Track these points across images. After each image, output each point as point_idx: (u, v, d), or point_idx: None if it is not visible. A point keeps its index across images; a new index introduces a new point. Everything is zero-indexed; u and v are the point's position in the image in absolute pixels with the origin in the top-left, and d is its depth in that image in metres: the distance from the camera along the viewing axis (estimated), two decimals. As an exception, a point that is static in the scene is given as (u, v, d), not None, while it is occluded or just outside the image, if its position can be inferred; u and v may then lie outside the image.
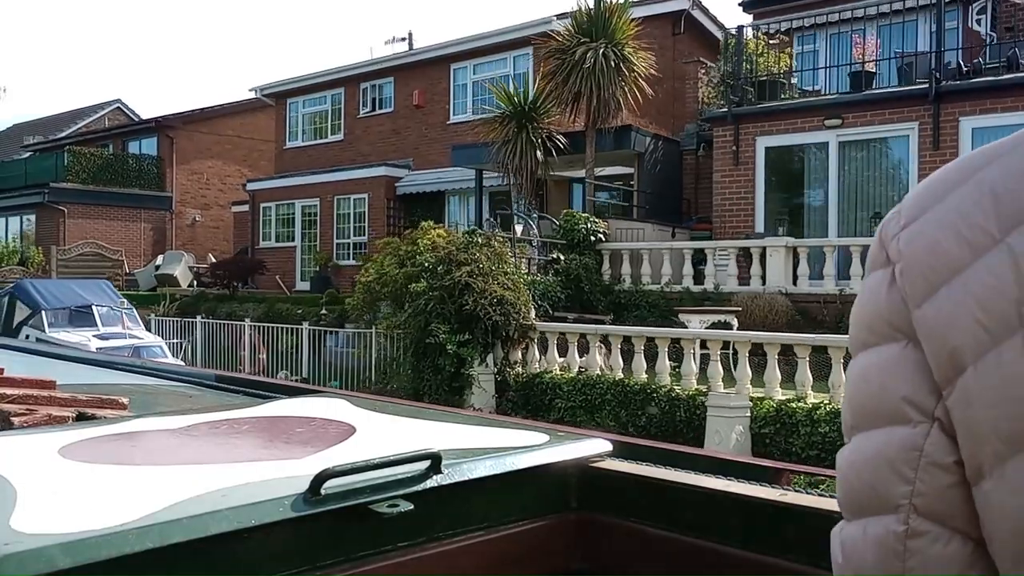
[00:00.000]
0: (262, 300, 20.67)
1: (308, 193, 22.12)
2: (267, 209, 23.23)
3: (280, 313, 19.72)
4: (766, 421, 8.12)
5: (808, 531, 1.37)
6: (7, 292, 16.81)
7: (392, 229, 21.27)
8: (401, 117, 21.34)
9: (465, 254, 10.98)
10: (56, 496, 1.29)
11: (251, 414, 1.93)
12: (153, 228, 28.49)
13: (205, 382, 2.75)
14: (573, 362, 10.47)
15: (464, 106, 20.43)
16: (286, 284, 22.93)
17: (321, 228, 21.80)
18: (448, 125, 20.41)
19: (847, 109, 12.64)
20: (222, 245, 28.93)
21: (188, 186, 28.84)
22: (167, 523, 1.17)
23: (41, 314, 15.47)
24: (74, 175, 26.85)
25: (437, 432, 1.76)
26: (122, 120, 35.32)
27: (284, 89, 24.03)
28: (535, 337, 10.60)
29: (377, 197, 20.63)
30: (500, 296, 10.37)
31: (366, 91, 22.31)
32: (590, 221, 13.11)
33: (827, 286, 11.10)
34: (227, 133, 29.20)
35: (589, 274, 12.52)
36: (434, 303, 10.64)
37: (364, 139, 22.23)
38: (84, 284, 17.52)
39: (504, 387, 10.79)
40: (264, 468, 1.44)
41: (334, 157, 22.79)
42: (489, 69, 19.99)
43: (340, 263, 22.29)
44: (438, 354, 10.75)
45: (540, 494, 1.59)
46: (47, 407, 1.89)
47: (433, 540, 1.43)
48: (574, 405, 9.79)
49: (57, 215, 26.62)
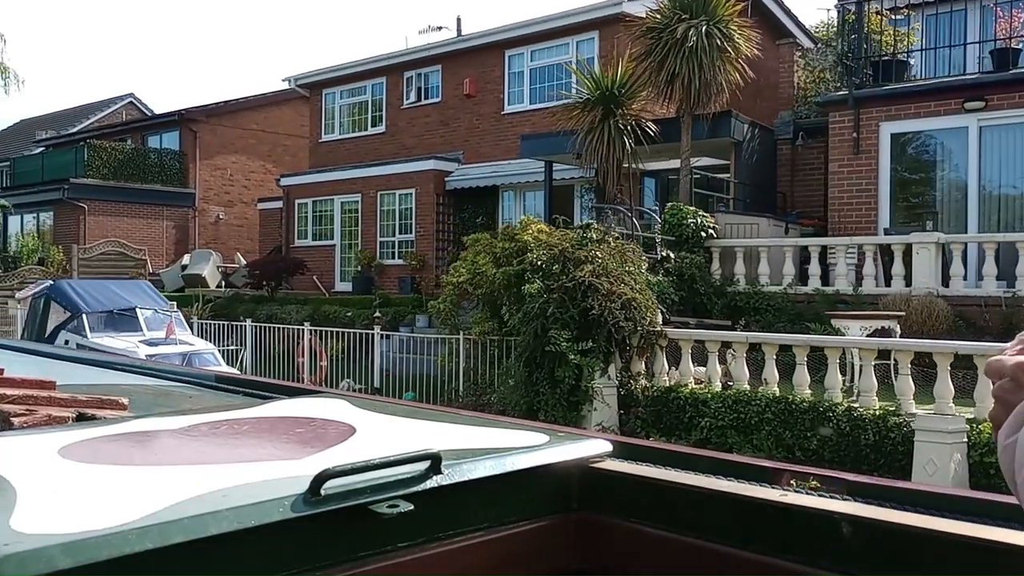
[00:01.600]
0: (304, 302, 20.12)
1: (349, 188, 21.13)
2: (303, 206, 21.90)
3: (327, 315, 18.82)
4: (989, 448, 7.22)
5: (808, 531, 1.37)
6: (42, 294, 15.07)
7: (442, 226, 20.53)
8: (450, 107, 19.93)
9: (584, 251, 9.34)
10: (56, 496, 1.29)
11: (251, 414, 1.93)
12: (176, 226, 27.21)
13: (205, 382, 2.67)
14: (714, 374, 9.86)
15: (520, 95, 19.01)
16: (324, 285, 22.34)
17: (363, 225, 20.85)
18: (502, 115, 19.07)
19: (991, 90, 11.13)
20: (246, 244, 27.71)
21: (211, 182, 27.63)
22: (167, 523, 1.17)
23: (82, 318, 14.48)
24: (95, 170, 25.21)
25: (437, 432, 1.76)
26: (135, 115, 35.40)
27: (320, 79, 22.70)
28: (664, 345, 8.97)
29: (425, 192, 19.24)
30: (630, 298, 8.75)
31: (410, 80, 20.93)
32: (698, 215, 11.52)
33: (987, 287, 9.64)
34: (251, 127, 28.05)
35: (702, 274, 10.94)
36: (554, 306, 8.95)
37: (408, 131, 20.80)
38: (124, 285, 16.13)
39: (628, 402, 9.10)
40: (264, 468, 1.44)
41: (375, 150, 21.44)
42: (548, 55, 18.58)
43: (384, 263, 21.66)
44: (557, 364, 9.06)
45: (540, 494, 1.58)
46: (47, 407, 1.88)
47: (433, 540, 1.43)
48: (724, 424, 8.89)
49: (77, 212, 25.38)
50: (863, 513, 1.36)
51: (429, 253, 20.39)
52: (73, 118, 36.83)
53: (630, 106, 14.24)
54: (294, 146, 31.17)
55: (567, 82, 19.68)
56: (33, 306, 15.69)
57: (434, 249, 20.36)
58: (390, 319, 18.19)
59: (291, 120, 30.64)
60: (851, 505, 1.40)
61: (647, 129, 14.10)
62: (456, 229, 20.60)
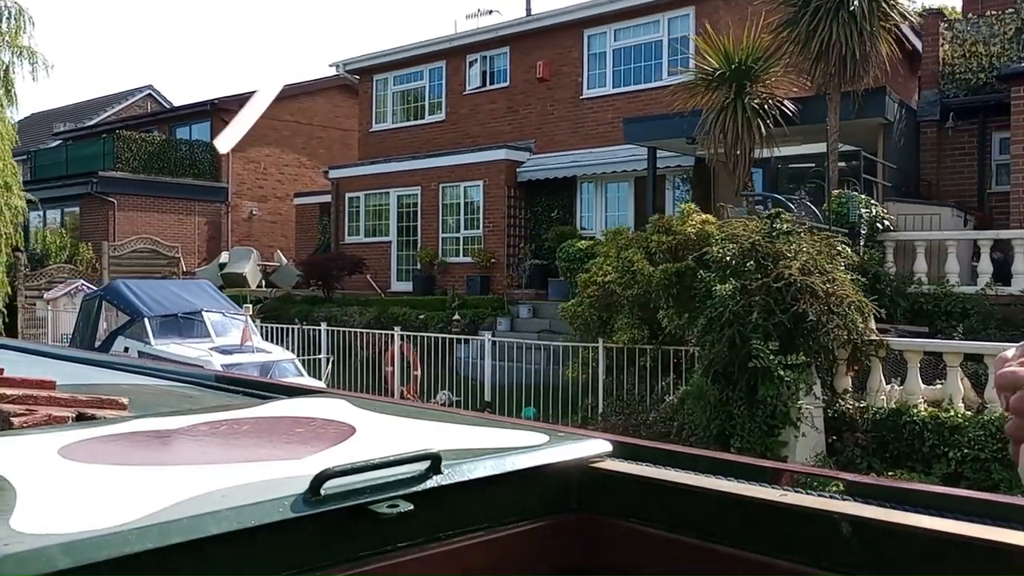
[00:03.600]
0: (366, 302, 19.01)
1: (407, 181, 20.20)
2: (354, 200, 20.27)
3: (395, 318, 17.31)
4: None
5: (808, 531, 1.39)
6: (95, 295, 13.09)
7: (513, 221, 18.10)
8: (519, 92, 18.21)
9: (784, 244, 7.29)
10: (56, 496, 1.33)
11: (251, 414, 1.95)
12: (208, 222, 25.62)
13: (205, 382, 2.69)
14: (956, 392, 8.45)
15: (601, 78, 17.33)
16: (379, 284, 21.14)
17: (423, 220, 19.58)
18: (580, 100, 17.39)
19: None
20: (280, 241, 26.04)
21: (244, 176, 26.01)
22: (167, 523, 1.20)
23: (144, 322, 13.07)
24: (124, 163, 23.29)
25: (437, 432, 1.79)
26: (154, 107, 34.70)
27: (371, 64, 21.07)
28: (883, 356, 8.24)
29: (495, 184, 17.50)
30: (853, 301, 6.77)
31: (473, 64, 19.24)
32: (871, 205, 9.61)
33: None
34: (286, 118, 26.53)
35: (883, 272, 9.11)
36: (757, 311, 6.89)
37: (471, 118, 19.06)
38: (184, 286, 15.79)
39: (838, 426, 8.81)
40: (264, 468, 1.48)
41: (432, 140, 19.73)
42: (634, 35, 16.76)
43: (448, 260, 20.47)
44: (760, 380, 6.97)
45: (540, 494, 1.60)
46: (47, 407, 1.91)
47: (433, 540, 1.45)
48: (985, 456, 7.86)
49: (106, 207, 23.77)
50: (863, 513, 1.34)
51: (499, 250, 18.65)
52: (90, 110, 35.36)
53: (764, 82, 12.28)
54: (328, 138, 29.47)
55: (656, 63, 17.73)
56: (85, 309, 13.78)
57: (505, 246, 18.67)
58: (468, 322, 16.26)
59: (326, 111, 28.95)
60: (851, 505, 1.38)
61: (784, 109, 12.14)
62: (527, 224, 18.69)
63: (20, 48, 20.29)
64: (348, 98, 30.46)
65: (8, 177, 19.96)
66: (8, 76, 20.27)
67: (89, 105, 37.32)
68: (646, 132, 15.48)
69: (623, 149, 17.99)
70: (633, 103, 18.32)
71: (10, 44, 20.46)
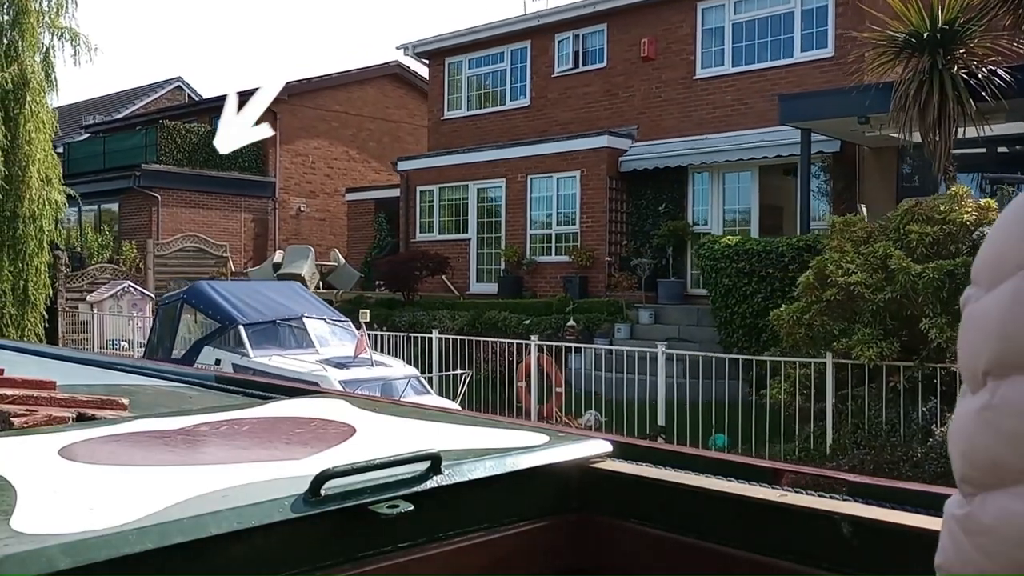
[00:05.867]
0: (453, 306, 17.31)
1: (489, 172, 20.19)
2: (426, 194, 18.29)
3: (493, 323, 15.78)
4: None
5: (808, 531, 1.42)
6: (175, 298, 10.77)
7: (615, 216, 18.10)
8: (619, 74, 16.25)
9: None
10: (56, 496, 1.36)
11: (251, 414, 1.99)
12: (254, 219, 24.02)
13: (205, 382, 2.72)
14: None
15: (718, 56, 15.34)
16: (457, 286, 19.38)
17: (508, 216, 19.28)
18: (693, 81, 15.49)
19: None
20: (329, 240, 24.35)
21: (292, 170, 24.38)
22: (167, 523, 1.23)
23: (238, 330, 11.18)
24: (167, 155, 21.11)
25: (437, 432, 1.82)
26: (183, 99, 32.90)
27: (443, 46, 19.20)
28: None
29: (595, 175, 15.52)
30: None
31: (563, 43, 16.90)
32: None
33: None
34: (334, 108, 24.78)
35: None
36: None
37: (561, 103, 17.16)
38: (274, 287, 13.67)
39: None
40: (264, 468, 1.51)
41: (514, 128, 17.87)
42: (759, 6, 14.39)
43: (538, 259, 18.78)
44: None
45: (540, 494, 1.64)
46: (47, 407, 1.95)
47: (433, 541, 1.49)
48: None
49: (149, 203, 22.04)
50: (863, 513, 1.37)
51: (599, 248, 16.75)
52: (118, 103, 33.94)
53: (971, 49, 10.04)
54: (378, 130, 27.64)
55: (786, 38, 15.57)
56: (164, 314, 11.61)
57: (606, 243, 16.75)
58: (582, 328, 14.11)
59: (376, 101, 27.23)
60: (851, 505, 1.41)
61: (1000, 78, 9.92)
62: (630, 219, 16.48)
63: (61, 29, 18.40)
64: (398, 87, 28.76)
65: (49, 170, 18.11)
66: (48, 59, 18.44)
67: (117, 97, 35.91)
68: (809, 110, 13.33)
69: (746, 135, 16.18)
70: (757, 83, 16.49)
71: (50, 25, 18.44)
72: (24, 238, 17.79)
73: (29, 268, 18.03)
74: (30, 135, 17.69)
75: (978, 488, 0.80)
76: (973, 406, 0.82)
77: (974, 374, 0.82)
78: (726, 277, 13.38)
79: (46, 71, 18.57)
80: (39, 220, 17.92)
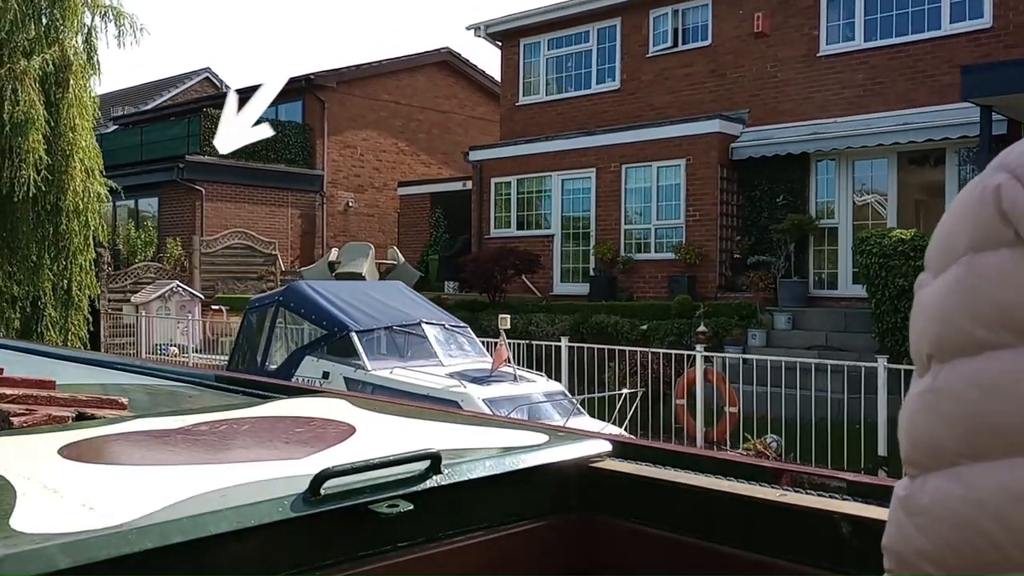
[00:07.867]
0: (549, 308, 15.58)
1: (576, 162, 18.95)
2: (502, 186, 16.57)
3: (601, 328, 14.01)
4: None
5: (808, 531, 1.41)
6: (268, 301, 9.64)
7: (726, 208, 16.31)
8: (727, 52, 14.46)
9: None
10: (56, 496, 1.36)
11: (251, 414, 1.96)
12: (301, 215, 22.04)
13: (205, 382, 2.65)
14: None
15: (847, 30, 13.54)
16: (538, 286, 17.61)
17: (599, 209, 17.43)
18: (817, 58, 13.61)
19: None
20: (379, 237, 22.56)
21: (340, 163, 22.86)
22: (167, 523, 1.23)
23: (350, 338, 9.36)
24: (211, 147, 19.20)
25: (437, 432, 1.80)
26: (211, 90, 31.08)
27: (520, 25, 17.16)
28: None
29: (702, 163, 13.71)
30: None
31: (660, 20, 14.94)
32: None
33: None
34: (383, 97, 23.17)
35: None
36: None
37: (657, 85, 15.39)
38: (380, 288, 11.99)
39: None
40: (264, 468, 1.51)
41: (601, 113, 16.14)
42: (897, -31, 12.94)
43: (635, 257, 17.05)
44: None
45: (540, 494, 1.63)
46: (47, 407, 1.94)
47: (433, 540, 1.48)
48: None
49: (192, 196, 20.50)
50: (863, 513, 1.36)
51: (709, 244, 15.12)
52: (146, 94, 32.06)
53: None
54: (428, 121, 25.70)
55: (931, 7, 13.69)
56: (255, 319, 9.65)
57: (717, 239, 14.73)
58: (712, 334, 12.17)
59: (425, 90, 25.74)
60: (851, 505, 1.40)
61: None
62: (742, 212, 14.51)
63: (104, 8, 16.49)
64: (447, 76, 26.86)
65: (91, 160, 16.07)
66: (91, 40, 16.52)
67: (143, 89, 34.90)
68: (999, 84, 11.35)
69: (883, 117, 14.43)
70: (895, 60, 14.50)
71: (92, 4, 16.44)
72: (68, 234, 15.93)
73: (73, 267, 16.29)
74: (73, 121, 15.98)
75: (919, 470, 0.82)
76: (918, 389, 0.84)
77: (920, 358, 0.85)
78: (900, 277, 11.73)
79: (88, 53, 16.74)
80: (84, 214, 16.17)
